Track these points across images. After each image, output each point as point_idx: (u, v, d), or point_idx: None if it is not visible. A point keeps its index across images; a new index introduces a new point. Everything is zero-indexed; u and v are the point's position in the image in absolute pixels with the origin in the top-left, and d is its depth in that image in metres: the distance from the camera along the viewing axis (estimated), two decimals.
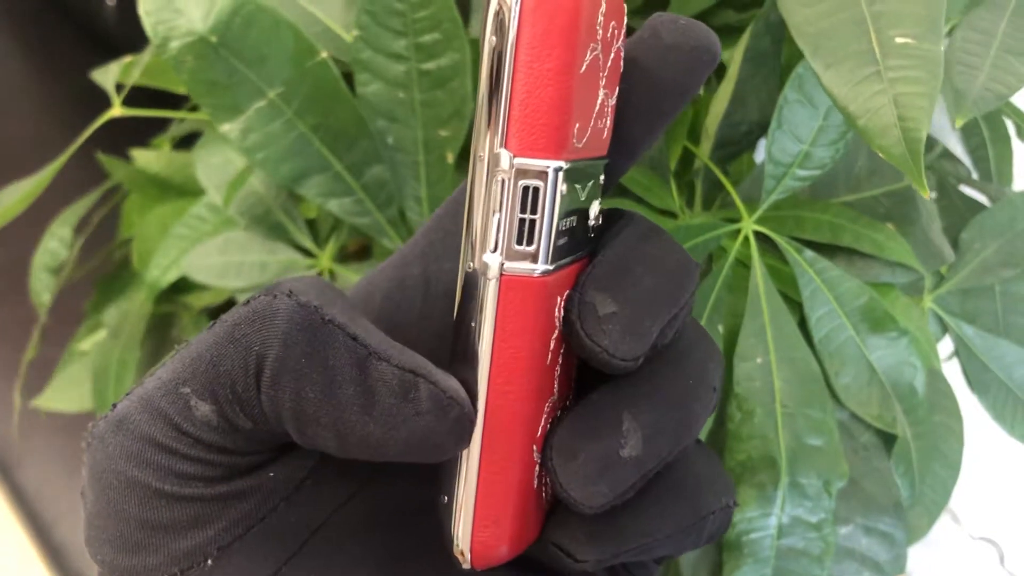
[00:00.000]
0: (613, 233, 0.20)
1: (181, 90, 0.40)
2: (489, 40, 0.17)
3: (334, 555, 0.21)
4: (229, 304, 0.55)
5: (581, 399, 0.20)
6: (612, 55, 0.19)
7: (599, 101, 0.19)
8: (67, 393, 0.61)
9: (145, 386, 0.19)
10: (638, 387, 0.19)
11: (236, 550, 0.19)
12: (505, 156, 0.17)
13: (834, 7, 0.28)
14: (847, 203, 0.48)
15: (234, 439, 0.18)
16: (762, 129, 0.45)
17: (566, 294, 0.19)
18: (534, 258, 0.18)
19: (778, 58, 0.45)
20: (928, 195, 0.25)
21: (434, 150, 0.43)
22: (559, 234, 0.18)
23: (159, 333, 0.57)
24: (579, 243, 0.20)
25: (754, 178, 0.47)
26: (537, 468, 0.20)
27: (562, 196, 0.18)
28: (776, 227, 0.45)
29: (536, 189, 0.18)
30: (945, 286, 0.52)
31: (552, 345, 0.19)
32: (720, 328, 0.44)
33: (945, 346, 0.53)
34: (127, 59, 0.55)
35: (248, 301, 0.19)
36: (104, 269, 0.65)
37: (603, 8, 0.18)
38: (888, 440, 0.45)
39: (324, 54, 0.42)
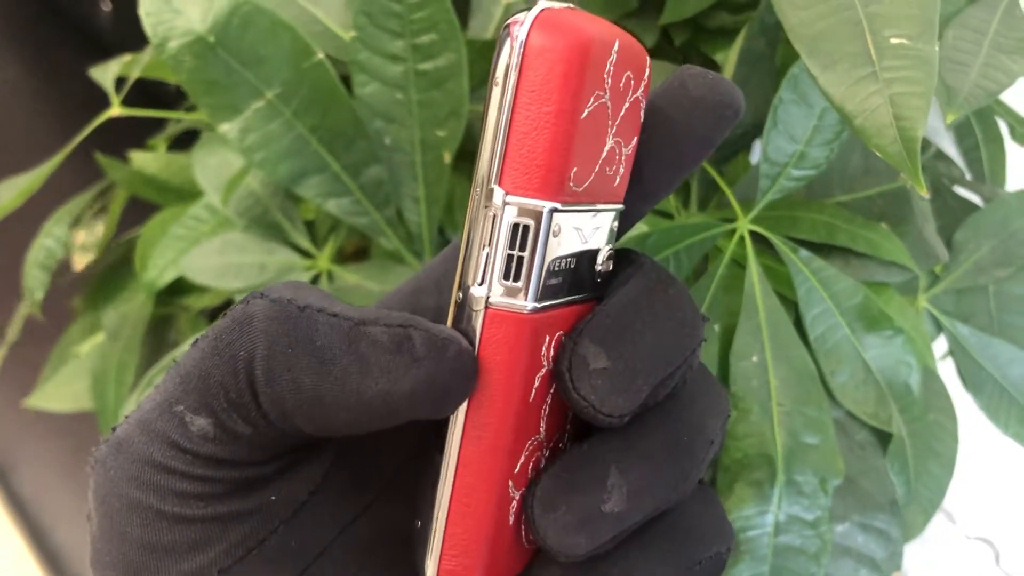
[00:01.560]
0: (619, 282, 0.20)
1: (179, 79, 0.40)
2: (495, 80, 0.18)
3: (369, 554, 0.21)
4: (227, 305, 0.55)
5: (574, 444, 0.20)
6: (627, 105, 0.19)
7: (606, 148, 0.19)
8: (60, 392, 0.61)
9: (141, 408, 0.19)
10: (629, 440, 0.19)
11: (236, 573, 0.19)
12: (498, 193, 0.18)
13: (830, 9, 0.28)
14: (842, 203, 0.48)
15: (233, 448, 0.19)
16: (757, 130, 0.46)
17: (560, 337, 0.19)
18: (521, 295, 0.18)
19: (773, 60, 0.45)
20: (925, 192, 0.25)
21: (431, 150, 0.43)
22: (551, 274, 0.18)
23: (158, 335, 0.57)
24: (580, 285, 0.20)
25: (749, 178, 0.47)
26: (514, 504, 0.20)
27: (555, 236, 0.18)
28: (771, 227, 0.45)
29: (526, 227, 0.18)
30: (939, 286, 0.52)
31: (537, 383, 0.19)
32: (716, 327, 0.44)
33: (940, 345, 0.53)
34: (126, 57, 0.55)
35: (225, 313, 0.19)
36: (94, 269, 0.65)
37: (613, 59, 0.18)
38: (884, 438, 0.45)
39: (321, 55, 0.42)
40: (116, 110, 0.51)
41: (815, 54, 0.27)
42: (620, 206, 0.21)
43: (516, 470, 0.19)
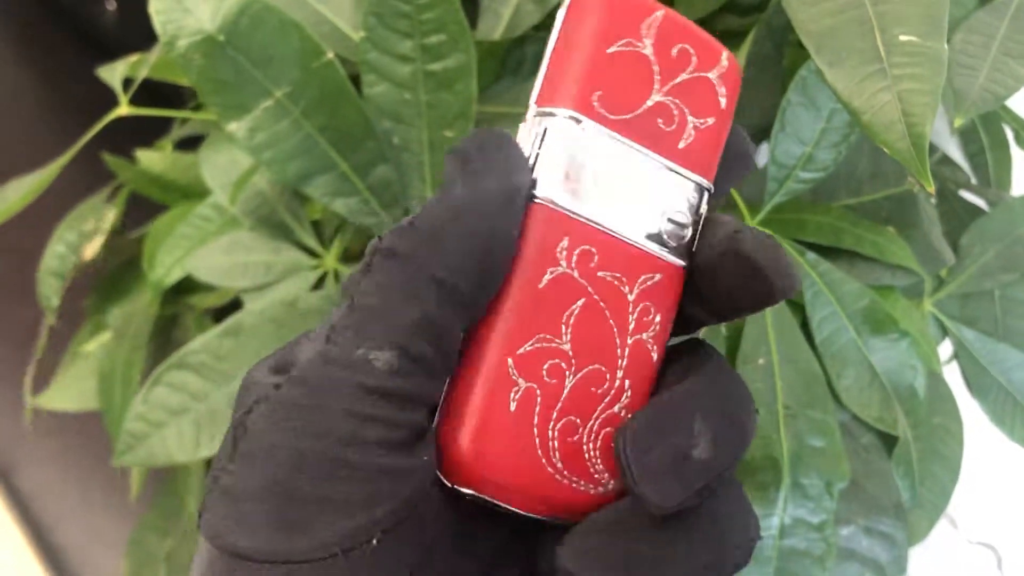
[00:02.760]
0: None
1: (187, 81, 0.41)
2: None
3: (467, 550, 0.21)
4: (234, 305, 0.55)
5: (656, 394, 0.21)
6: (685, 76, 0.22)
7: (653, 99, 0.22)
8: (68, 392, 0.61)
9: (312, 363, 0.19)
10: (710, 389, 0.20)
11: (393, 537, 0.19)
12: (532, 106, 0.22)
13: (839, 6, 0.29)
14: (848, 206, 0.48)
15: (417, 380, 0.19)
16: (764, 133, 0.46)
17: (588, 251, 0.21)
18: (536, 186, 0.21)
19: (780, 62, 0.45)
20: (932, 188, 0.25)
21: (439, 151, 0.43)
22: (568, 178, 0.21)
23: (164, 334, 0.57)
24: (629, 223, 0.21)
25: (756, 181, 0.47)
26: (517, 391, 0.20)
27: (577, 144, 0.21)
28: (778, 229, 0.45)
29: (545, 129, 0.21)
30: (945, 290, 0.52)
31: (550, 276, 0.21)
32: (723, 330, 0.44)
33: (945, 349, 0.53)
34: (133, 57, 0.55)
35: (369, 266, 0.20)
36: (103, 268, 0.65)
37: (655, 21, 0.21)
38: (889, 441, 0.45)
39: (330, 55, 0.42)
40: (124, 109, 0.52)
41: (823, 51, 0.28)
42: (696, 177, 0.22)
43: (519, 352, 0.20)
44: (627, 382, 0.21)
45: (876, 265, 0.46)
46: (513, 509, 0.21)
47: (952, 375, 0.52)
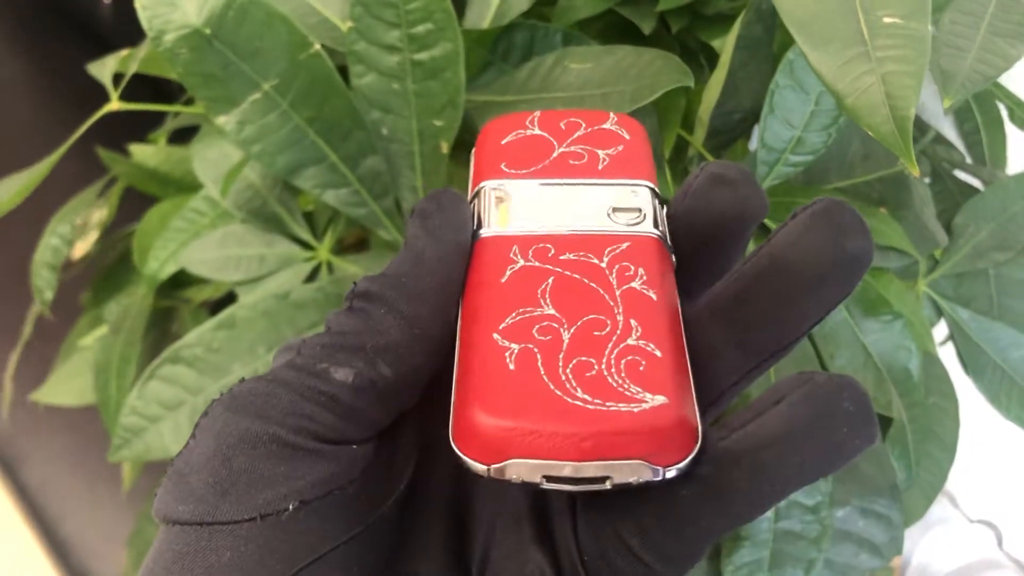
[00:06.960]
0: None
1: (175, 72, 0.41)
2: None
3: (401, 535, 0.23)
4: (229, 298, 0.55)
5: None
6: (581, 132, 0.26)
7: (559, 151, 0.25)
8: (66, 386, 0.61)
9: (278, 366, 0.22)
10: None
11: (314, 509, 0.20)
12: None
13: None
14: (840, 189, 0.48)
15: (369, 399, 0.21)
16: (755, 116, 0.46)
17: (542, 248, 0.23)
18: (478, 230, 0.24)
19: (770, 46, 0.45)
20: (917, 172, 0.25)
21: (429, 140, 0.43)
22: (505, 215, 0.24)
23: (160, 328, 0.57)
24: (581, 221, 0.24)
25: (747, 165, 0.47)
26: (513, 351, 0.21)
27: (497, 194, 0.24)
28: (770, 213, 0.45)
29: (474, 200, 0.25)
30: (939, 270, 0.52)
31: (511, 271, 0.22)
32: None
33: (940, 330, 0.53)
34: (124, 52, 0.55)
35: (351, 303, 0.22)
36: (101, 263, 0.65)
37: (535, 117, 0.26)
38: (883, 423, 0.46)
39: (317, 46, 0.42)
40: (115, 105, 0.52)
41: (807, 34, 0.27)
42: (628, 180, 0.25)
43: (501, 327, 0.21)
44: (632, 320, 0.21)
45: None
46: (560, 463, 0.19)
47: (948, 355, 0.52)
